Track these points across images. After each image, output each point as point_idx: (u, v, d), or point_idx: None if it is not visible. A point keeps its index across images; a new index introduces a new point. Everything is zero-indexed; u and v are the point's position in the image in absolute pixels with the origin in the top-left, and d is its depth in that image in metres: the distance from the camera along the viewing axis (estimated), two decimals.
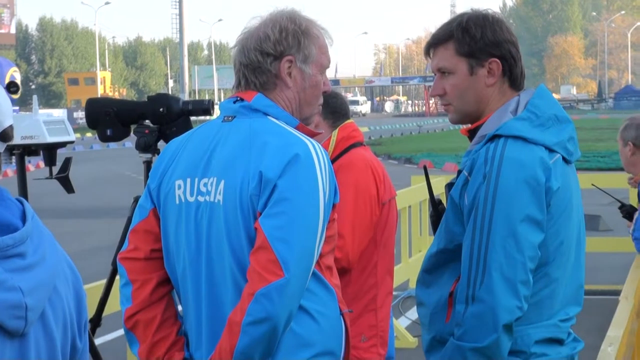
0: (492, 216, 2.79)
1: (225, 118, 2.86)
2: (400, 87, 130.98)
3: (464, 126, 3.11)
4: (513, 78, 3.01)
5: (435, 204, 3.16)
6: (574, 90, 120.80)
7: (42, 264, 1.96)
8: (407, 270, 9.55)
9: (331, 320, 2.83)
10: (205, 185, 2.80)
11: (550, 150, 2.88)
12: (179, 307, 2.96)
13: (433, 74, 3.14)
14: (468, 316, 2.80)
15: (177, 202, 2.84)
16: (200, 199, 2.80)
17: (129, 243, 2.92)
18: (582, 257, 3.01)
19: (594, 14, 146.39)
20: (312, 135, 2.88)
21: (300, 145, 2.75)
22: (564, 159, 2.91)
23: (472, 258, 2.81)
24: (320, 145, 2.82)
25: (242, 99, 2.85)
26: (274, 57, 2.84)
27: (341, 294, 2.92)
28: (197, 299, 2.83)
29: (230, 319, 2.72)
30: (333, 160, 4.12)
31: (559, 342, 2.92)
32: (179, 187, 2.84)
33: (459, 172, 2.95)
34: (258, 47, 2.84)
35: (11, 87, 3.99)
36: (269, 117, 2.82)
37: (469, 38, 2.97)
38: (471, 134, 3.05)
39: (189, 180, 2.83)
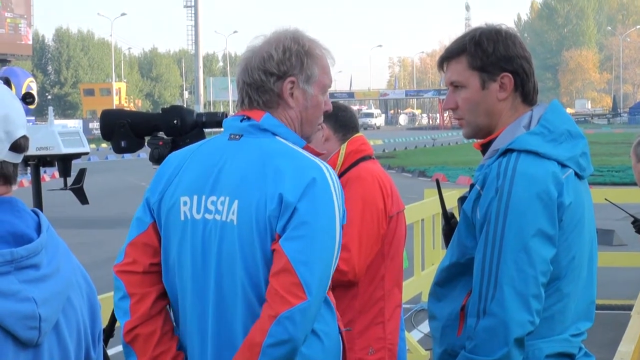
0: (503, 230, 2.80)
1: (232, 136, 2.88)
2: (415, 100, 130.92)
3: (477, 140, 3.12)
4: (525, 93, 3.02)
5: (447, 217, 3.17)
6: (588, 105, 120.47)
7: (57, 275, 1.98)
8: (419, 283, 9.54)
9: (333, 339, 2.88)
10: (213, 203, 2.81)
11: (563, 166, 2.88)
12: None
13: (447, 88, 3.17)
14: (479, 330, 2.81)
15: (182, 218, 2.84)
16: (208, 216, 2.81)
17: (125, 256, 2.91)
18: (594, 272, 3.01)
19: (609, 28, 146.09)
20: (317, 155, 2.92)
21: (316, 169, 2.79)
22: (576, 174, 2.92)
23: (483, 272, 2.82)
24: (331, 168, 2.86)
25: (249, 118, 2.88)
26: (277, 76, 2.87)
27: (346, 307, 2.98)
28: (202, 315, 2.84)
29: (250, 339, 2.73)
30: (342, 174, 4.14)
31: (570, 356, 2.93)
32: (185, 204, 2.84)
33: (472, 186, 2.96)
34: (261, 66, 2.87)
35: (27, 98, 4.03)
36: (276, 137, 2.86)
37: (481, 52, 2.99)
38: (484, 148, 3.06)
39: (195, 197, 2.83)
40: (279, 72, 2.87)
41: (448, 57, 3.06)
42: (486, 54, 2.98)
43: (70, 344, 2.02)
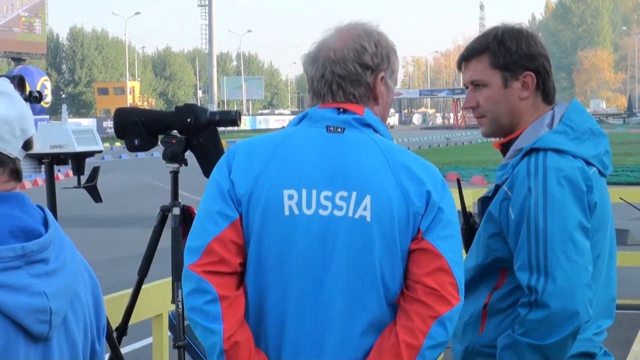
0: (546, 224, 2.79)
1: (332, 128, 2.70)
2: (429, 99, 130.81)
3: (494, 140, 3.12)
4: (546, 92, 3.04)
5: (467, 217, 3.16)
6: (603, 105, 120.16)
7: (64, 270, 2.00)
8: None
9: None
10: (328, 198, 2.62)
11: (588, 163, 2.89)
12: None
13: (462, 87, 3.16)
14: (532, 320, 2.79)
15: (287, 213, 2.61)
16: (323, 212, 2.61)
17: (209, 253, 2.61)
18: (614, 269, 3.02)
19: (624, 28, 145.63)
20: None
21: (435, 169, 2.75)
22: (599, 172, 2.93)
23: (531, 266, 2.80)
24: None
25: (347, 111, 2.72)
26: (371, 70, 2.74)
27: None
28: (322, 317, 2.61)
29: (406, 341, 2.57)
30: None
31: (591, 356, 2.93)
32: (291, 198, 2.62)
33: (497, 187, 2.95)
34: (357, 58, 2.73)
35: (31, 95, 4.03)
36: (377, 133, 2.73)
37: (505, 51, 2.99)
38: (504, 147, 3.06)
39: (304, 191, 2.62)
40: (373, 65, 2.74)
41: (469, 55, 3.06)
42: (509, 52, 2.99)
43: (78, 338, 2.04)
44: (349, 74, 2.73)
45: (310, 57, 2.78)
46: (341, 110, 2.72)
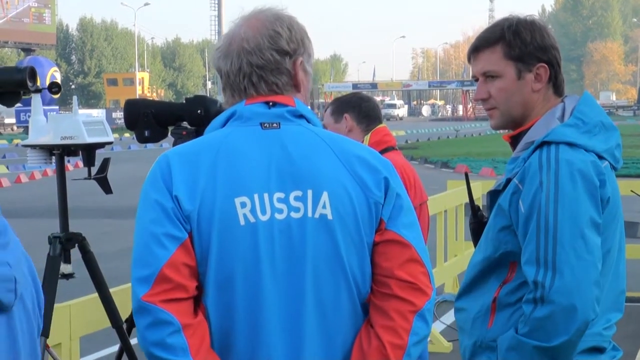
0: (556, 219, 2.76)
1: (267, 125, 2.52)
2: (438, 91, 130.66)
3: (504, 132, 3.10)
4: (557, 84, 3.01)
5: (475, 210, 3.14)
6: (613, 97, 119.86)
7: (13, 242, 2.04)
8: (442, 274, 9.52)
9: None
10: (281, 200, 2.44)
11: (600, 157, 2.87)
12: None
13: (471, 79, 3.12)
14: (537, 317, 2.76)
15: (243, 222, 2.41)
16: (279, 216, 2.43)
17: (163, 280, 2.38)
18: (623, 263, 2.99)
19: (635, 20, 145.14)
20: None
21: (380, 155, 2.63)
22: (611, 166, 2.91)
23: (538, 261, 2.77)
24: None
25: (278, 104, 2.55)
26: (289, 56, 2.56)
27: None
28: (294, 326, 2.45)
29: (391, 342, 2.45)
30: None
31: (601, 351, 2.90)
32: (243, 205, 2.42)
33: (508, 180, 2.93)
34: (273, 45, 2.53)
35: (52, 88, 4.03)
36: (310, 123, 2.58)
37: (520, 41, 2.95)
38: (513, 140, 3.04)
39: (256, 196, 2.43)
40: (290, 51, 2.55)
41: (482, 45, 3.01)
42: (525, 43, 2.95)
43: (31, 311, 2.06)
44: (268, 62, 2.54)
45: (222, 52, 2.58)
46: (271, 103, 2.55)
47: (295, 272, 2.43)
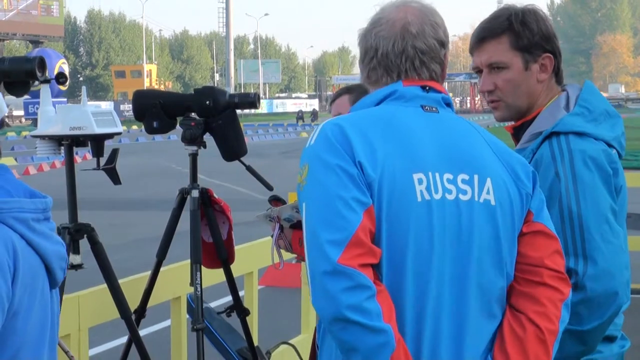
0: (579, 208, 2.76)
1: (427, 108, 2.53)
2: (446, 83, 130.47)
3: (509, 123, 3.07)
4: (559, 74, 2.99)
5: None
6: (622, 89, 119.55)
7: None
8: None
9: None
10: (450, 181, 2.44)
11: (609, 146, 2.86)
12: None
13: (473, 71, 3.05)
14: (572, 302, 2.71)
15: (420, 199, 2.40)
16: (449, 197, 2.43)
17: (357, 245, 2.34)
18: (627, 252, 2.98)
19: None
20: None
21: None
22: (618, 154, 2.90)
23: (567, 250, 2.76)
24: None
25: (432, 89, 2.57)
26: (444, 46, 2.60)
27: None
28: (452, 312, 2.44)
29: (547, 327, 2.49)
30: None
31: (611, 339, 2.91)
32: (420, 182, 2.41)
33: None
34: (434, 34, 2.57)
35: (60, 79, 4.03)
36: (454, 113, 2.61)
37: (528, 32, 2.92)
38: (515, 131, 3.02)
39: (430, 174, 2.43)
40: (445, 42, 2.60)
41: (487, 36, 2.96)
42: (532, 33, 2.92)
43: (57, 293, 2.14)
44: (430, 49, 2.56)
45: (382, 30, 2.56)
46: (427, 88, 2.56)
47: (462, 255, 2.44)
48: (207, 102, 4.10)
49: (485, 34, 2.97)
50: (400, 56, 2.55)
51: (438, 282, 2.42)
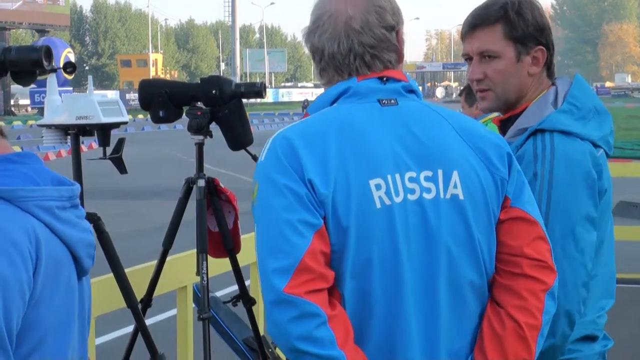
0: (547, 216, 2.64)
1: (385, 101, 2.40)
2: (452, 73, 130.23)
3: (497, 114, 2.98)
4: (551, 67, 2.90)
5: None
6: (628, 79, 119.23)
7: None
8: None
9: None
10: (413, 180, 2.33)
11: (595, 145, 2.77)
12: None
13: (463, 58, 2.96)
14: None
15: (379, 205, 2.29)
16: (411, 197, 2.32)
17: (304, 271, 2.23)
18: (612, 247, 2.89)
19: None
20: None
21: None
22: (605, 153, 2.81)
23: None
24: None
25: (391, 79, 2.43)
26: (394, 30, 2.44)
27: None
28: (429, 311, 2.36)
29: (527, 322, 2.38)
30: None
31: (592, 339, 2.83)
32: (378, 188, 2.30)
33: None
34: (380, 22, 2.41)
35: (67, 68, 4.03)
36: (419, 98, 2.48)
37: (523, 21, 2.82)
38: (502, 124, 2.93)
39: (389, 177, 2.31)
40: (395, 24, 2.44)
41: (480, 23, 2.86)
42: (527, 23, 2.82)
43: (88, 282, 2.13)
44: (380, 41, 2.42)
45: (325, 31, 2.43)
46: (384, 78, 2.43)
47: (430, 255, 2.34)
48: (214, 92, 4.10)
49: (479, 21, 2.87)
50: (347, 56, 2.42)
51: (408, 287, 2.32)
